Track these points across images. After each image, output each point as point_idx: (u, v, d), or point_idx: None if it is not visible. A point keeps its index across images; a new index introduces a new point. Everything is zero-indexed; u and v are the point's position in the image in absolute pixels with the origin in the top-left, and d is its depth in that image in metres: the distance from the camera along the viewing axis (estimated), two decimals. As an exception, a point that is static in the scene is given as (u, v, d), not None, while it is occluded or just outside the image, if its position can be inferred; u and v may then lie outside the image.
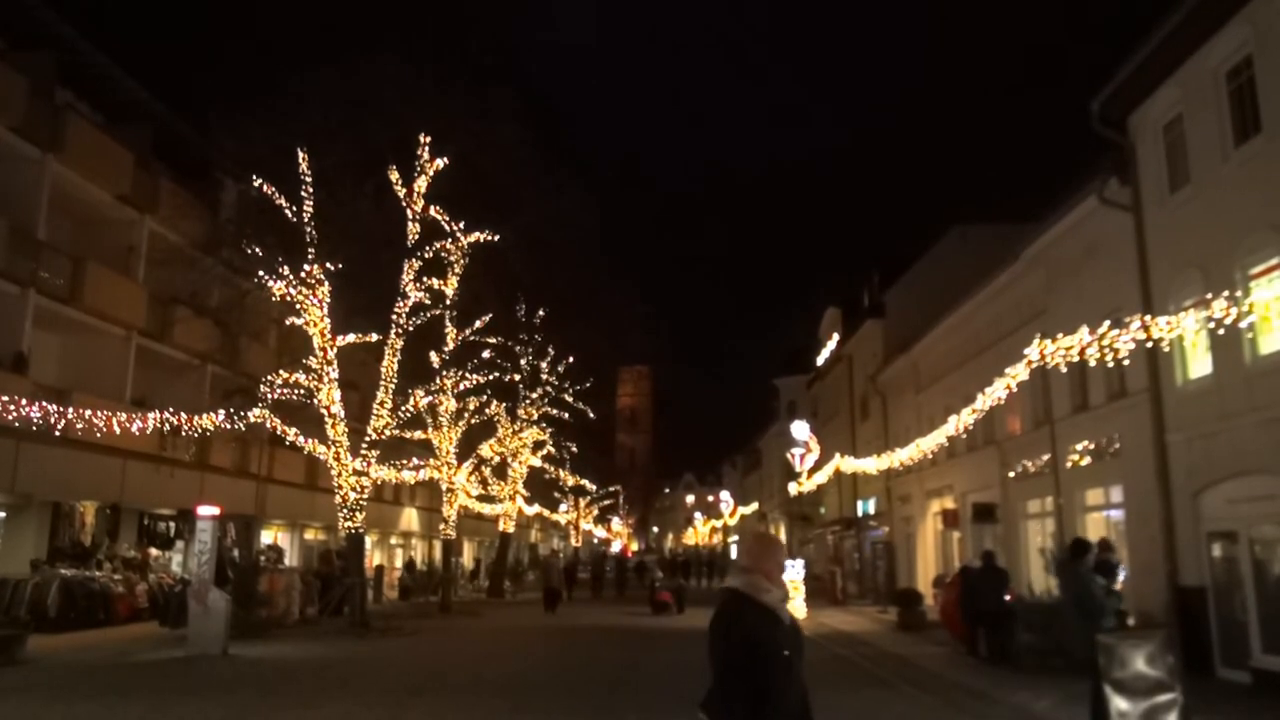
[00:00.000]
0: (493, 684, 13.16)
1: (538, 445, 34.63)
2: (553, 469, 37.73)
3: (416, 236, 21.72)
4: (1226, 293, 10.46)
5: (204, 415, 19.76)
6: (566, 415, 34.11)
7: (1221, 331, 10.59)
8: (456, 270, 23.17)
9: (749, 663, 3.64)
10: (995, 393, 14.20)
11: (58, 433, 17.68)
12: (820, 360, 46.06)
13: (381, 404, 21.65)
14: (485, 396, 27.71)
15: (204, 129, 23.56)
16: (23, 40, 21.46)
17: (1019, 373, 13.37)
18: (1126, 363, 12.13)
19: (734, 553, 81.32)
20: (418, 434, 26.00)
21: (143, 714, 10.51)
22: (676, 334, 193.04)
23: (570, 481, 40.76)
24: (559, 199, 26.82)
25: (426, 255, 21.93)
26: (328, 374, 20.62)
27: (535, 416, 32.50)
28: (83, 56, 22.89)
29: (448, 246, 22.52)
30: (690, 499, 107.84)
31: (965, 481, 25.14)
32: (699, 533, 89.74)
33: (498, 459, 31.75)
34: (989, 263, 21.90)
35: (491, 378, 26.80)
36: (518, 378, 30.55)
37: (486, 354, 26.44)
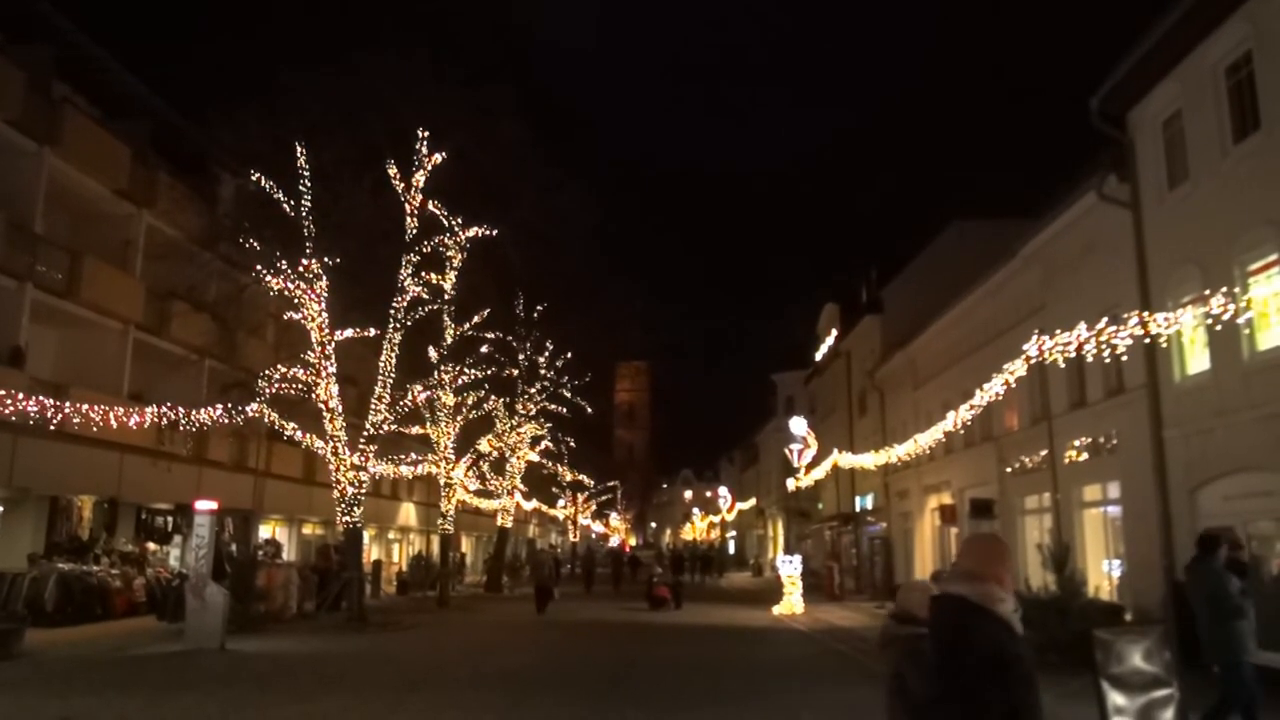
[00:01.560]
0: (491, 679, 13.16)
1: (536, 440, 34.64)
2: (551, 464, 37.74)
3: (414, 231, 21.69)
4: (1225, 289, 10.48)
5: (202, 410, 19.73)
6: (564, 410, 34.12)
7: (1219, 328, 10.62)
8: (455, 265, 23.15)
9: (996, 686, 3.13)
10: (993, 389, 14.22)
11: (55, 427, 17.66)
12: (818, 356, 46.07)
13: (379, 399, 21.64)
14: (483, 391, 27.71)
15: (202, 123, 23.50)
16: (20, 33, 21.36)
17: (1017, 369, 13.38)
18: (1124, 359, 12.16)
19: (732, 547, 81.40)
20: (416, 429, 25.99)
21: (140, 708, 10.50)
22: (675, 330, 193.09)
23: (568, 477, 40.77)
24: (557, 194, 26.81)
25: (424, 250, 21.91)
26: (325, 369, 20.60)
27: (533, 411, 32.52)
28: (80, 50, 22.78)
29: (446, 241, 22.51)
30: (688, 494, 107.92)
31: (963, 477, 25.15)
32: (697, 528, 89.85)
33: (496, 454, 31.77)
34: (987, 259, 21.89)
35: (490, 373, 26.80)
36: (516, 373, 30.55)
37: (485, 349, 26.43)
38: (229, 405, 20.07)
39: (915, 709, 3.34)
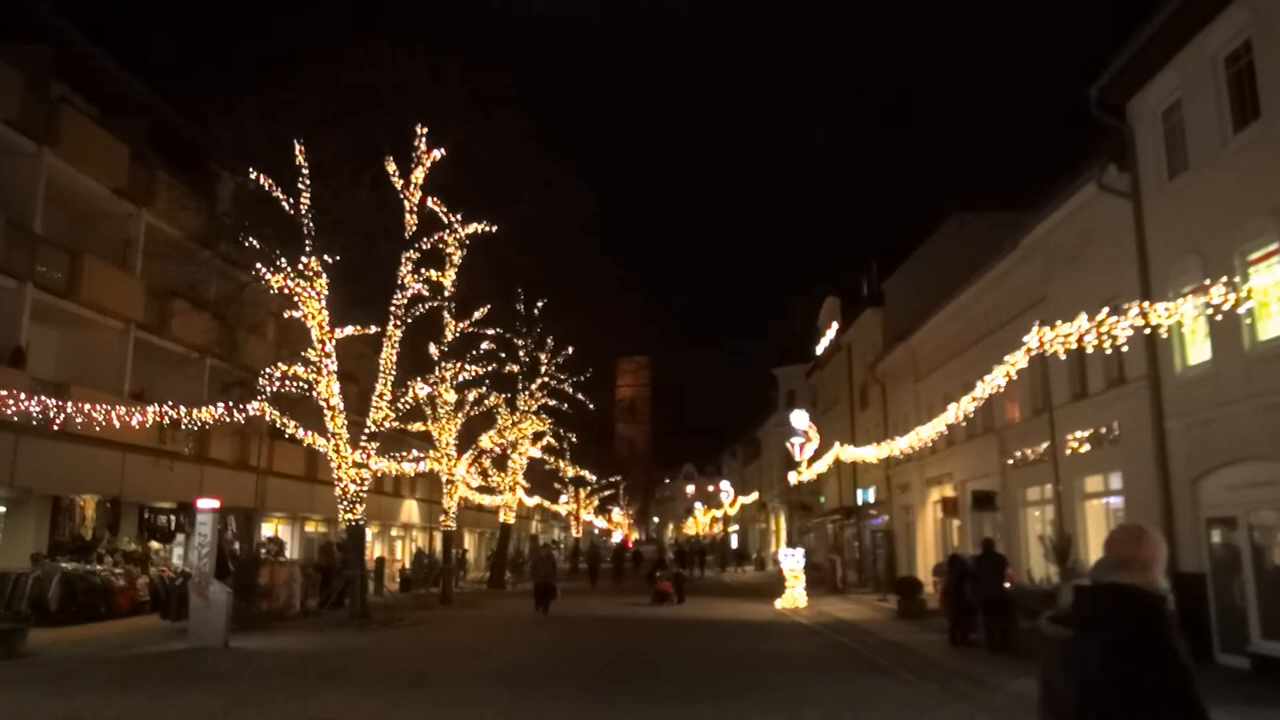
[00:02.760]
0: (493, 674, 13.17)
1: (537, 436, 34.66)
2: (552, 460, 37.75)
3: (414, 228, 21.68)
4: (1225, 278, 10.46)
5: (203, 408, 19.73)
6: (566, 406, 34.13)
7: (1220, 318, 10.59)
8: (454, 261, 23.14)
9: (1194, 697, 2.91)
10: (994, 380, 14.20)
11: (57, 426, 17.66)
12: (819, 349, 46.06)
13: (381, 396, 21.64)
14: (484, 388, 27.71)
15: (200, 121, 23.45)
16: (18, 33, 21.32)
17: (1018, 360, 13.37)
18: (1125, 350, 12.14)
19: (734, 542, 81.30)
20: (417, 426, 25.98)
21: (143, 705, 10.53)
22: (675, 324, 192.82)
23: (570, 472, 40.81)
24: (557, 189, 26.79)
25: (424, 247, 21.89)
26: (326, 366, 20.60)
27: (535, 407, 32.53)
28: (78, 49, 22.77)
29: (445, 238, 22.49)
30: (690, 489, 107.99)
31: (965, 469, 25.15)
32: (699, 523, 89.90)
33: (497, 450, 31.79)
34: (988, 251, 21.87)
35: (491, 369, 26.82)
36: (517, 369, 30.57)
37: (485, 345, 26.43)
38: (230, 403, 20.05)
39: (1063, 715, 3.18)
